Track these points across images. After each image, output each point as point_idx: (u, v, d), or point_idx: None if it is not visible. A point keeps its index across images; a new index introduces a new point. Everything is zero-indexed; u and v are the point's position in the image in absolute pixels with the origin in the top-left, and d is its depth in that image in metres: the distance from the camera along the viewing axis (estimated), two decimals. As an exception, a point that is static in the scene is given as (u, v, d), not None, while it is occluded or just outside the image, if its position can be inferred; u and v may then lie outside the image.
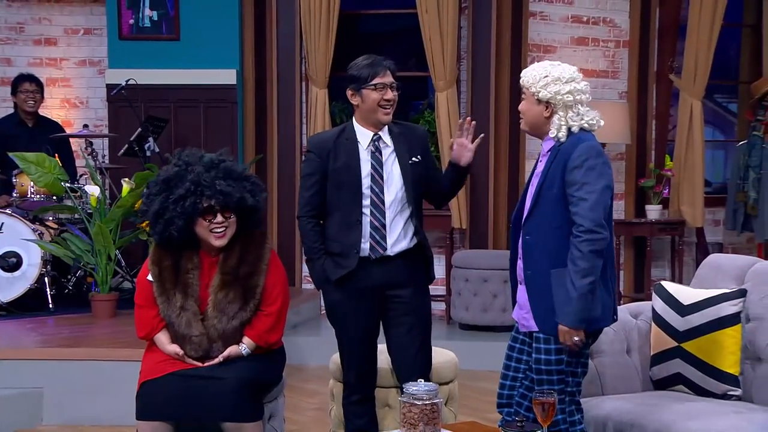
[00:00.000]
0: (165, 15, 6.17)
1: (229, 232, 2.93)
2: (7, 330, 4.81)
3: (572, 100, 2.67)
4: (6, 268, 5.14)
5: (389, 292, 3.01)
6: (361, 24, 7.25)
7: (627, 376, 3.06)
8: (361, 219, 2.97)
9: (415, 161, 3.03)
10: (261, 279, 2.92)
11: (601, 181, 2.58)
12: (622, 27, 6.63)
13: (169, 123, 5.98)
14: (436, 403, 2.49)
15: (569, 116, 2.67)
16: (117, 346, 4.29)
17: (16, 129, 5.81)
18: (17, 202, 5.43)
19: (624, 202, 6.71)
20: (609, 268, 2.67)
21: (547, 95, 2.66)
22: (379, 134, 3.03)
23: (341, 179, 2.99)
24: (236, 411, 2.79)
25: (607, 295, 2.66)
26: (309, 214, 3.06)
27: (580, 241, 2.55)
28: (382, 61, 3.02)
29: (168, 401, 2.83)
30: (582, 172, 2.58)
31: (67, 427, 4.08)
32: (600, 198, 2.56)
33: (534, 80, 2.69)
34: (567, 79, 2.67)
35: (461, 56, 6.32)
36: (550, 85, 2.66)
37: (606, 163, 2.62)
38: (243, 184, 2.96)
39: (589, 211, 2.55)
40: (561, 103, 2.66)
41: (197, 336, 2.88)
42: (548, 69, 2.70)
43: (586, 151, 2.60)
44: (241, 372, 2.83)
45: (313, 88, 6.22)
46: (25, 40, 6.51)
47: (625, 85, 6.65)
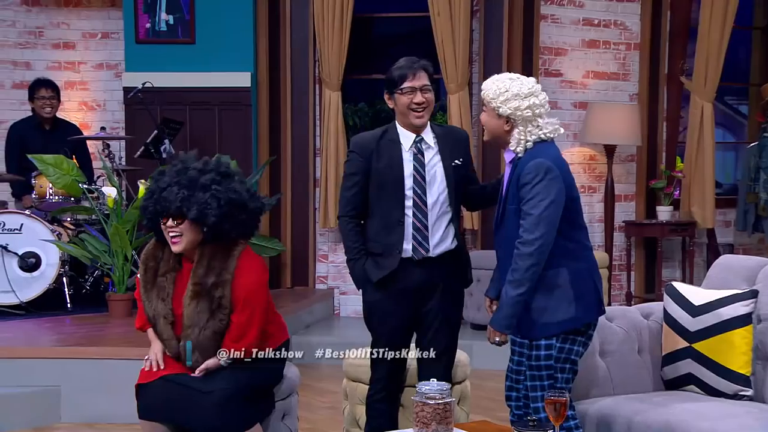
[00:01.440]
0: (181, 19, 6.24)
1: (185, 240, 2.86)
2: (26, 329, 4.89)
3: (531, 115, 2.72)
4: (25, 268, 5.21)
5: (426, 293, 3.03)
6: (374, 27, 7.30)
7: (638, 376, 3.09)
8: (403, 220, 2.98)
9: (458, 163, 3.04)
10: (225, 290, 2.84)
11: (547, 196, 2.65)
12: (633, 30, 6.65)
13: (184, 125, 6.04)
14: (448, 403, 2.52)
15: (528, 130, 2.72)
16: (133, 345, 4.34)
17: (35, 132, 5.88)
18: (36, 203, 5.51)
19: (635, 203, 6.73)
20: (593, 267, 2.77)
21: (507, 111, 2.72)
22: (421, 136, 3.04)
23: (384, 179, 3.00)
24: (223, 425, 2.81)
25: (592, 291, 2.75)
26: (350, 214, 3.07)
27: (518, 254, 2.65)
28: (413, 64, 3.01)
29: (158, 405, 2.88)
30: (529, 188, 2.66)
31: (84, 424, 4.14)
32: (544, 213, 2.64)
33: (494, 95, 2.74)
34: (526, 95, 2.72)
35: (473, 59, 6.36)
36: (510, 101, 2.71)
37: (554, 178, 2.67)
38: (202, 195, 2.83)
39: (532, 225, 2.63)
40: (520, 118, 2.72)
41: (167, 339, 2.91)
42: (508, 84, 2.74)
43: (534, 168, 2.67)
44: (227, 384, 2.82)
45: (326, 91, 6.27)
46: (44, 44, 6.59)
47: (636, 88, 6.67)
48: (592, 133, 6.35)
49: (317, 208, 6.41)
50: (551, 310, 2.70)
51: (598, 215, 6.61)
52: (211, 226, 2.83)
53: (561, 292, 2.70)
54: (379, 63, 7.04)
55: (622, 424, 2.83)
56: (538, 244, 2.63)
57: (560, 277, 2.70)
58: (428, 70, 3.03)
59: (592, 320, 2.78)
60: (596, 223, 6.63)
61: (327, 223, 6.31)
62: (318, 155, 6.41)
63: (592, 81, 6.61)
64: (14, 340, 4.62)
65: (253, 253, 2.95)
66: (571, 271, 2.71)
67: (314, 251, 6.41)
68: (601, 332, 3.11)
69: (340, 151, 6.27)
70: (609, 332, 3.11)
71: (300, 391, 3.46)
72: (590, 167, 6.65)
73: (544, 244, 2.64)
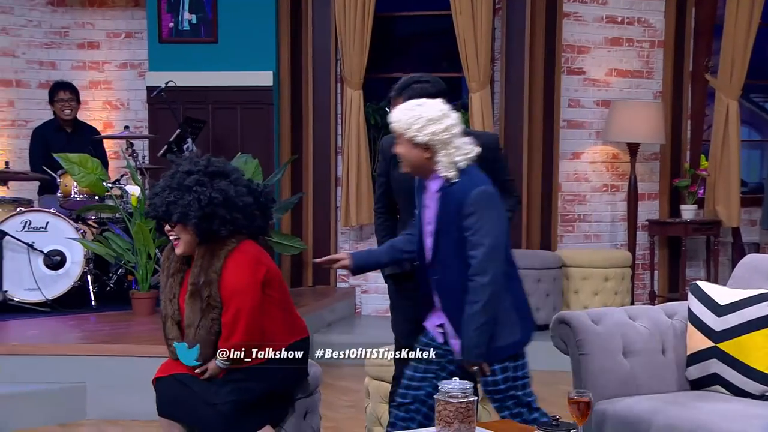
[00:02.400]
0: (203, 18, 6.27)
1: (182, 242, 2.88)
2: (52, 326, 4.94)
3: (450, 136, 2.63)
4: (50, 265, 5.27)
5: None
6: (396, 26, 7.29)
7: (662, 376, 3.07)
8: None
9: None
10: (213, 288, 2.84)
11: (497, 224, 2.63)
12: (657, 27, 6.59)
13: (206, 124, 6.07)
14: (471, 402, 2.51)
15: (451, 152, 2.63)
16: (157, 342, 4.35)
17: (56, 135, 5.94)
18: (61, 201, 5.56)
19: (658, 202, 6.69)
20: (519, 290, 2.78)
21: (425, 138, 2.61)
22: None
23: (399, 186, 3.03)
24: (227, 429, 2.82)
25: (527, 308, 2.81)
26: (379, 210, 3.21)
27: (476, 286, 2.62)
28: (393, 92, 3.02)
29: (168, 402, 2.91)
30: (475, 218, 2.61)
31: (109, 421, 4.18)
32: (496, 241, 2.62)
33: (407, 125, 2.63)
34: (439, 117, 2.63)
35: (495, 57, 6.34)
36: (426, 127, 2.61)
37: (497, 205, 2.65)
38: (186, 197, 2.83)
39: (486, 255, 2.60)
40: (440, 143, 2.62)
41: (172, 339, 2.93)
42: (418, 111, 2.64)
43: (480, 196, 2.62)
44: (231, 395, 2.83)
45: (348, 90, 6.28)
46: (69, 44, 6.65)
47: (659, 85, 6.62)
48: (615, 131, 6.30)
49: (338, 207, 6.42)
50: (500, 335, 2.70)
51: (621, 214, 6.56)
52: (195, 226, 2.84)
53: (507, 316, 2.70)
54: (401, 62, 7.03)
55: (646, 424, 2.81)
56: (493, 273, 2.61)
57: (506, 301, 2.70)
58: (405, 97, 2.92)
59: (531, 338, 2.82)
60: (619, 222, 6.59)
61: (348, 221, 6.31)
62: (339, 154, 6.42)
63: (615, 79, 6.56)
64: (40, 337, 4.68)
65: (246, 251, 2.89)
66: (512, 294, 2.73)
67: (335, 250, 6.42)
68: (624, 332, 3.09)
69: (362, 150, 6.28)
70: (633, 332, 3.09)
71: (322, 389, 3.46)
72: (613, 166, 6.60)
73: (498, 273, 2.63)
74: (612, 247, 6.57)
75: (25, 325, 4.91)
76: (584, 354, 3.03)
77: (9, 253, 5.16)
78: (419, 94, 2.94)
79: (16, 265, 5.18)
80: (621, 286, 6.01)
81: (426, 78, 3.04)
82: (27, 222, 5.26)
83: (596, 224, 6.60)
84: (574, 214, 6.56)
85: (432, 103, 2.67)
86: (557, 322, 3.15)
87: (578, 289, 5.99)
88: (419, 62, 7.08)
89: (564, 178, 6.47)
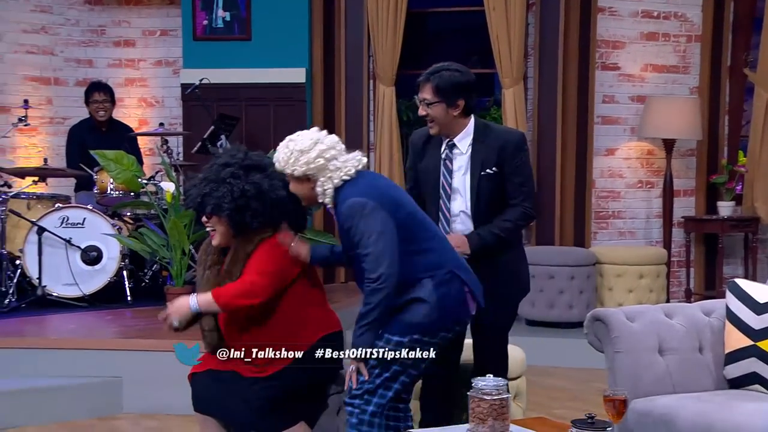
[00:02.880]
0: (237, 16, 6.31)
1: (218, 234, 2.93)
2: (89, 321, 5.01)
3: (324, 162, 2.72)
4: (87, 261, 5.34)
5: None
6: (429, 22, 7.28)
7: (699, 375, 3.03)
8: (438, 220, 3.02)
9: (489, 173, 2.96)
10: (238, 267, 2.92)
11: (373, 231, 2.65)
12: (694, 21, 6.50)
13: (240, 121, 6.12)
14: (504, 399, 2.51)
15: (328, 177, 2.72)
16: (192, 338, 4.42)
17: (91, 134, 6.02)
18: (97, 198, 5.64)
19: (694, 199, 6.60)
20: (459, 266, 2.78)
21: (301, 170, 2.72)
22: (453, 141, 3.01)
23: (424, 179, 3.04)
24: (262, 426, 2.86)
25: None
26: None
27: (369, 291, 2.66)
28: (422, 76, 3.00)
29: (203, 398, 2.95)
30: (353, 231, 2.67)
31: (145, 415, 4.23)
32: (378, 247, 2.64)
33: (285, 163, 2.75)
34: (309, 147, 2.72)
35: (528, 53, 6.30)
36: (299, 159, 2.72)
37: (371, 211, 2.66)
38: (221, 189, 2.88)
39: (372, 263, 2.64)
40: (315, 170, 2.72)
41: (207, 331, 2.98)
42: (290, 146, 2.74)
43: (347, 210, 2.68)
44: (265, 391, 2.85)
45: (380, 86, 6.28)
46: (106, 42, 6.73)
47: (696, 80, 6.53)
48: (650, 127, 6.23)
49: (371, 203, 6.42)
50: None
51: (656, 211, 6.49)
52: (228, 218, 2.88)
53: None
54: (434, 58, 6.98)
55: (683, 424, 2.78)
56: (383, 278, 2.64)
57: (424, 289, 2.71)
58: (433, 83, 2.95)
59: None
60: (654, 218, 6.52)
61: (381, 218, 6.31)
62: (372, 150, 6.42)
63: (651, 74, 6.48)
64: (78, 332, 4.75)
65: (276, 242, 2.92)
66: (435, 282, 2.71)
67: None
68: (660, 329, 3.06)
69: (394, 146, 6.28)
70: (669, 329, 3.06)
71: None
72: (648, 162, 6.53)
73: (389, 275, 2.64)
74: (647, 244, 6.50)
75: (63, 319, 4.99)
76: (619, 351, 3.00)
77: (47, 248, 5.24)
78: (448, 80, 2.95)
79: (55, 261, 5.26)
80: (656, 284, 5.95)
81: (456, 67, 3.02)
82: (65, 218, 5.34)
83: (631, 221, 6.54)
84: (608, 211, 6.49)
85: (303, 134, 2.76)
86: (592, 320, 3.12)
87: (612, 287, 5.93)
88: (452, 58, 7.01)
89: (598, 175, 6.41)
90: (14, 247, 5.38)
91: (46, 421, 4.13)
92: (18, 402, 4.15)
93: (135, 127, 6.42)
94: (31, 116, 5.85)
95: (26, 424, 4.09)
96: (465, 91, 2.97)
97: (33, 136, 6.51)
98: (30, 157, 6.44)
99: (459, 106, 2.96)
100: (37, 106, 6.23)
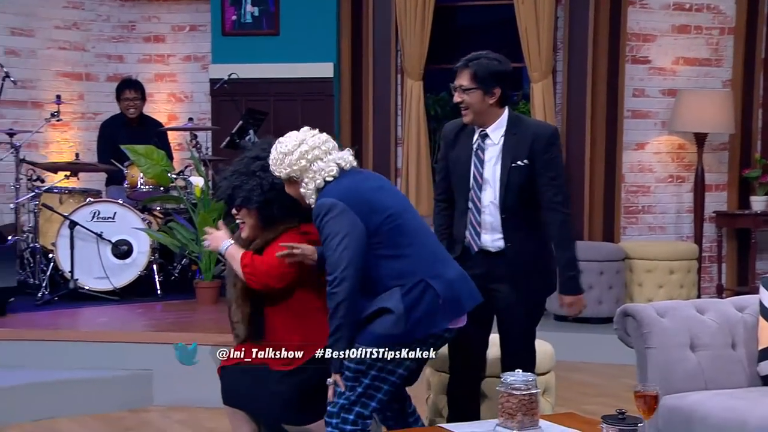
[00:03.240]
0: (265, 11, 6.34)
1: (247, 227, 2.97)
2: (120, 314, 5.07)
3: (306, 163, 2.72)
4: (118, 255, 5.40)
5: (489, 286, 3.00)
6: (457, 16, 7.25)
7: (731, 371, 2.99)
8: (466, 210, 3.02)
9: (519, 165, 2.94)
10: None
11: (337, 233, 2.62)
12: (728, 13, 6.41)
13: (268, 116, 6.14)
14: (533, 394, 2.50)
15: (310, 178, 2.72)
16: (220, 331, 4.46)
17: (122, 130, 6.07)
18: (127, 192, 5.70)
19: (726, 194, 6.52)
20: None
21: (285, 171, 2.74)
22: (486, 131, 3.00)
23: (454, 170, 3.04)
24: (288, 420, 2.90)
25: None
26: (438, 198, 3.20)
27: (327, 294, 2.63)
28: (460, 62, 2.99)
29: (233, 391, 2.98)
30: (320, 232, 2.67)
31: (175, 408, 4.27)
32: (338, 250, 2.61)
33: (274, 165, 2.78)
34: (291, 148, 2.72)
35: (557, 47, 6.25)
36: (283, 162, 2.74)
37: (339, 213, 2.63)
38: (251, 181, 2.92)
39: (332, 266, 2.62)
40: (299, 171, 2.73)
41: (236, 322, 3.01)
42: (277, 148, 2.77)
43: (315, 212, 2.69)
44: (295, 383, 2.87)
45: (408, 81, 6.27)
46: (136, 37, 6.79)
47: (729, 74, 6.44)
48: (681, 121, 6.16)
49: (399, 198, 6.42)
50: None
51: (687, 206, 6.42)
52: (256, 210, 2.91)
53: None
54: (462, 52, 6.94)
55: (715, 420, 2.75)
56: (337, 281, 2.59)
57: (392, 299, 2.64)
58: (471, 69, 2.93)
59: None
60: (685, 213, 6.44)
61: (408, 212, 6.30)
62: (399, 145, 6.42)
63: (682, 67, 6.40)
64: (109, 325, 4.81)
65: (292, 235, 2.95)
66: (404, 291, 2.64)
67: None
68: (691, 325, 3.03)
69: (422, 141, 6.27)
70: (700, 325, 3.02)
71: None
72: (679, 156, 6.46)
73: (343, 278, 2.59)
74: (677, 239, 6.44)
75: (94, 312, 5.05)
76: (650, 347, 2.97)
77: (79, 242, 5.30)
78: (486, 68, 2.94)
79: (86, 254, 5.32)
80: (687, 279, 5.89)
81: (494, 56, 3.02)
82: (96, 212, 5.39)
83: (661, 216, 6.47)
84: (638, 206, 6.43)
85: (290, 136, 2.78)
86: (622, 315, 3.09)
87: (642, 282, 5.88)
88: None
89: (627, 169, 6.35)
90: (47, 241, 5.46)
91: (78, 413, 4.18)
92: (51, 393, 4.21)
93: (164, 122, 6.48)
94: (63, 111, 5.92)
95: (59, 416, 4.15)
96: (502, 80, 2.97)
97: (65, 132, 6.59)
98: (62, 152, 6.52)
99: (495, 95, 2.96)
100: (69, 101, 6.30)
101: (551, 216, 2.96)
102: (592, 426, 2.49)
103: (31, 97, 6.40)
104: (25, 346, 4.42)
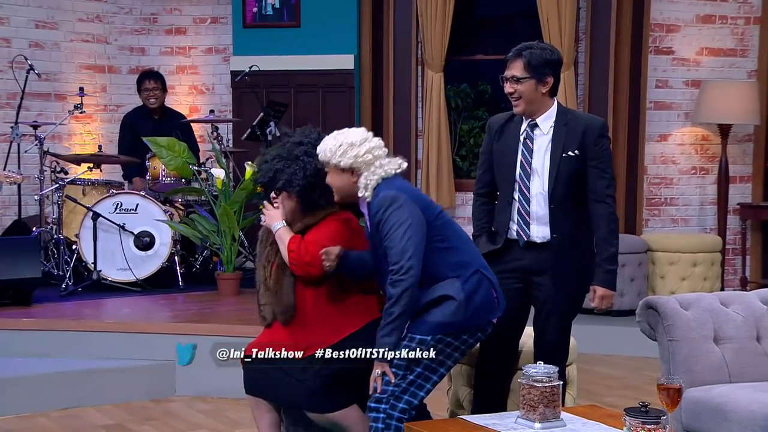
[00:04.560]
0: (286, 3, 6.34)
1: (283, 210, 3.00)
2: (143, 305, 5.11)
3: (372, 158, 2.80)
4: (140, 246, 5.43)
5: (533, 278, 3.01)
6: (478, 7, 7.22)
7: (756, 364, 2.97)
8: (512, 200, 3.01)
9: (570, 155, 2.94)
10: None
11: (402, 223, 2.69)
12: (754, 3, 6.33)
13: (289, 108, 6.15)
14: (555, 386, 2.50)
15: (372, 172, 2.80)
16: (242, 322, 4.49)
17: (144, 121, 6.10)
18: (150, 184, 5.73)
19: (751, 185, 6.45)
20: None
21: (349, 161, 2.80)
22: (536, 121, 2.99)
23: (500, 161, 3.05)
24: (313, 408, 2.90)
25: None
26: (479, 192, 3.19)
27: (391, 282, 2.69)
28: (511, 52, 2.99)
29: (256, 380, 2.99)
30: (383, 224, 2.73)
31: (198, 398, 4.31)
32: (405, 238, 2.68)
33: (332, 153, 2.81)
34: (360, 141, 2.81)
35: (579, 37, 6.21)
36: (348, 151, 2.80)
37: (403, 204, 2.72)
38: (293, 166, 2.95)
39: (398, 255, 2.68)
40: (363, 164, 2.80)
41: (263, 305, 3.03)
42: (339, 138, 2.83)
43: (379, 203, 2.75)
44: (320, 371, 2.87)
45: (428, 73, 6.25)
46: (158, 30, 6.82)
47: (754, 64, 6.36)
48: (705, 112, 6.10)
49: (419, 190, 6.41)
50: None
51: (711, 197, 6.36)
52: (298, 194, 2.95)
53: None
54: (483, 44, 6.95)
55: (740, 414, 2.73)
56: (405, 269, 2.67)
57: (453, 287, 2.73)
58: (525, 59, 2.93)
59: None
60: (708, 205, 6.39)
61: (429, 204, 6.30)
62: (420, 137, 6.41)
63: (707, 58, 6.33)
64: (132, 315, 4.85)
65: (336, 222, 2.97)
66: (463, 281, 2.75)
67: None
68: (716, 317, 3.00)
69: (442, 133, 6.25)
70: (725, 318, 3.00)
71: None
72: (702, 148, 6.40)
73: (411, 266, 2.67)
74: (701, 231, 6.38)
75: (117, 303, 5.09)
76: (673, 340, 2.96)
77: (102, 234, 5.34)
78: (539, 57, 2.95)
79: (109, 246, 5.37)
80: (710, 272, 5.84)
81: (544, 45, 3.05)
82: (119, 204, 5.43)
83: (684, 208, 6.42)
84: (661, 198, 6.39)
85: (353, 130, 2.85)
86: (644, 307, 3.08)
87: (665, 275, 5.84)
88: (501, 44, 6.98)
89: (650, 161, 6.30)
90: (71, 232, 5.51)
91: (102, 402, 4.23)
92: (75, 383, 4.26)
93: (186, 115, 6.50)
94: (86, 104, 5.97)
95: (83, 405, 4.20)
96: (554, 68, 2.98)
97: (88, 124, 6.64)
98: (85, 144, 6.57)
99: (548, 84, 2.96)
100: (91, 93, 6.34)
101: (600, 208, 2.97)
102: (615, 419, 2.48)
103: (54, 90, 6.45)
104: (51, 336, 4.47)
